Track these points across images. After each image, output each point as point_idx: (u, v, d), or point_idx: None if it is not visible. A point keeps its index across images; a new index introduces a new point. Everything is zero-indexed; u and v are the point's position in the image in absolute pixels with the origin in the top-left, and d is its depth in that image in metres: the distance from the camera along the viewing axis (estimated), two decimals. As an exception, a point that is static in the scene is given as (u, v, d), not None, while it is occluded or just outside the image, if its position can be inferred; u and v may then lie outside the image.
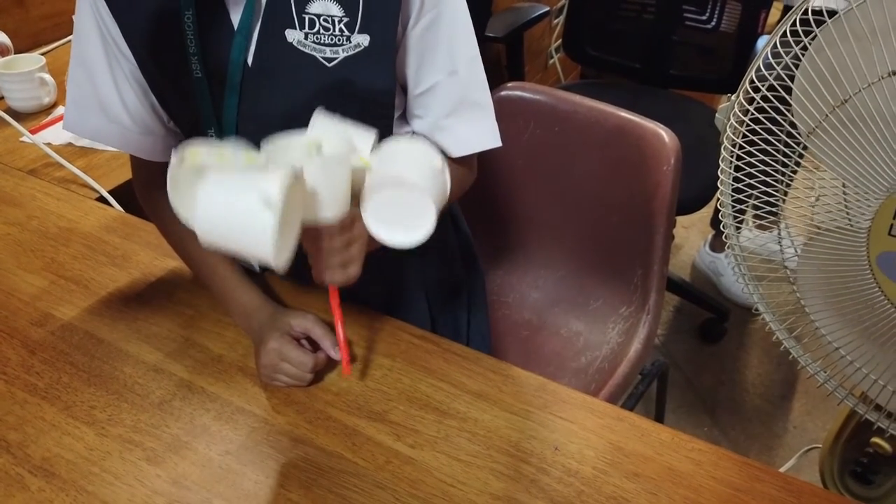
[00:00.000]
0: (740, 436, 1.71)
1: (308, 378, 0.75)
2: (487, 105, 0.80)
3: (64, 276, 0.90)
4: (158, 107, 0.79)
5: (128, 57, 0.75)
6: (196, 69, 0.73)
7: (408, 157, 0.67)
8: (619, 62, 1.93)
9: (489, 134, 0.80)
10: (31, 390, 0.76)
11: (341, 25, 0.71)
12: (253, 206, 0.55)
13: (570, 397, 0.75)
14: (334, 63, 0.72)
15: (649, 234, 1.21)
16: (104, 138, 0.79)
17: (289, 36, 0.71)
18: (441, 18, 0.74)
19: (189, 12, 0.70)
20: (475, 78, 0.78)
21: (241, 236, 0.56)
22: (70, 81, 0.78)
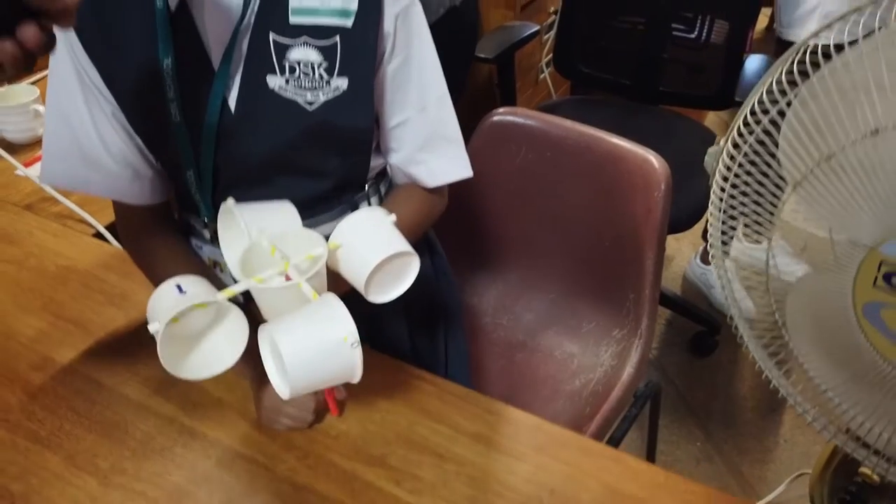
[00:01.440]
0: (732, 450, 1.73)
1: (309, 419, 0.76)
2: (457, 139, 0.85)
3: (63, 317, 0.91)
4: (145, 148, 0.80)
5: (109, 99, 0.75)
6: (175, 114, 0.74)
7: (369, 227, 0.70)
8: (610, 79, 1.95)
9: (460, 165, 0.85)
10: (33, 438, 0.76)
11: (321, 70, 0.74)
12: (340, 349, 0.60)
13: (566, 439, 0.76)
14: (315, 106, 0.75)
15: (640, 259, 1.22)
16: (89, 187, 0.79)
17: (270, 82, 0.74)
18: (410, 60, 0.78)
19: (168, 59, 0.72)
20: (444, 114, 0.83)
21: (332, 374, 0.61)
22: (47, 134, 0.78)
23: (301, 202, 0.80)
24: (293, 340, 0.59)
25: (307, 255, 0.67)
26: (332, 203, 0.83)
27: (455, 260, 1.44)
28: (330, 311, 0.61)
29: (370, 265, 0.65)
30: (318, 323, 0.60)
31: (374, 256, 0.66)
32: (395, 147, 0.84)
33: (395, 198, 0.88)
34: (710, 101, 1.86)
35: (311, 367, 0.60)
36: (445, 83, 0.82)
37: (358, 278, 0.67)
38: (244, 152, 0.77)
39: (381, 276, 0.68)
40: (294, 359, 0.58)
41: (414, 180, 0.86)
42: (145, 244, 0.85)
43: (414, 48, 0.78)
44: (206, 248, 0.88)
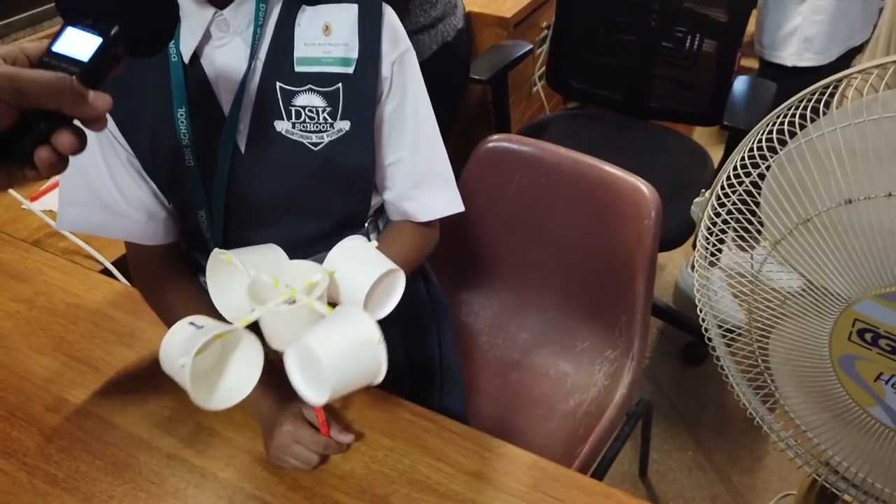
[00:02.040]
0: (723, 459, 1.78)
1: (315, 460, 0.80)
2: (448, 176, 0.90)
3: (75, 357, 0.94)
4: (158, 191, 0.84)
5: (124, 146, 0.79)
6: (188, 159, 0.78)
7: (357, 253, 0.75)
8: (601, 94, 1.98)
9: (452, 200, 0.91)
10: (51, 481, 0.80)
11: (325, 114, 0.78)
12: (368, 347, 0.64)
13: (561, 475, 0.80)
14: (320, 147, 0.79)
15: (632, 283, 1.26)
16: (104, 231, 0.83)
17: (277, 126, 0.78)
18: (405, 103, 0.84)
19: (182, 109, 0.76)
20: (436, 153, 0.88)
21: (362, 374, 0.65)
22: (63, 182, 0.82)
23: (305, 240, 0.84)
24: (325, 344, 0.63)
25: (307, 283, 0.71)
26: (334, 240, 0.87)
27: (452, 280, 1.48)
28: (350, 316, 0.66)
29: (369, 282, 0.70)
30: (344, 326, 0.65)
31: (369, 275, 0.70)
32: (390, 185, 0.89)
33: (388, 235, 0.92)
34: (700, 117, 1.89)
35: (346, 368, 0.64)
36: (436, 124, 0.87)
37: (356, 298, 0.71)
38: (254, 192, 0.81)
39: (372, 295, 0.72)
40: (330, 360, 0.62)
41: (407, 215, 0.91)
42: (158, 284, 0.89)
43: (409, 92, 0.83)
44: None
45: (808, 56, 1.74)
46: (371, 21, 0.79)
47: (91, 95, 0.52)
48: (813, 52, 1.74)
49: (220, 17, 0.75)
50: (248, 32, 0.76)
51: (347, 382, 0.64)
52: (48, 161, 0.52)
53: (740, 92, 1.63)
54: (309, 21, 0.78)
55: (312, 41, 0.77)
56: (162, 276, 0.89)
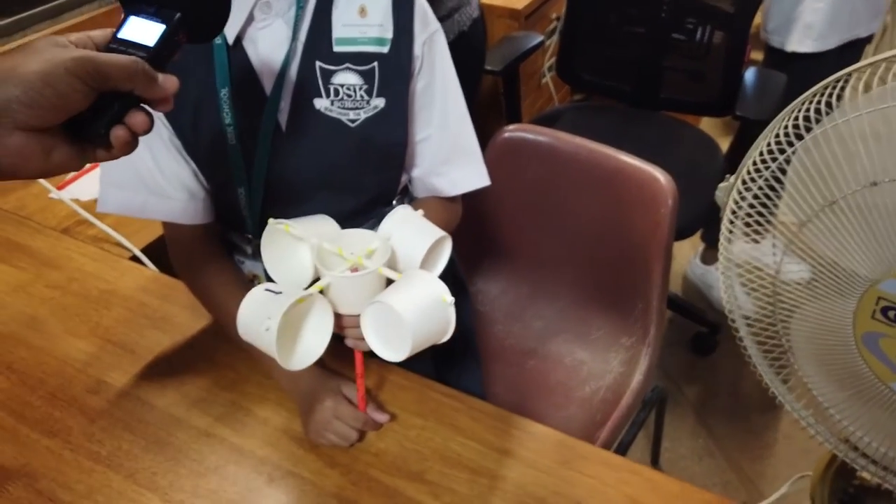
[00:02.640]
0: (733, 447, 1.80)
1: (354, 437, 0.83)
2: (476, 151, 0.94)
3: (111, 341, 0.97)
4: (198, 170, 0.86)
5: (166, 125, 0.82)
6: (231, 137, 0.81)
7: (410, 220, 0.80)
8: (612, 85, 2.00)
9: (478, 175, 0.95)
10: (95, 459, 0.82)
11: (361, 92, 0.82)
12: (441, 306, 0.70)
13: (588, 452, 0.83)
14: (356, 123, 0.83)
15: (648, 271, 1.28)
16: (146, 212, 0.85)
17: (317, 104, 0.82)
18: (434, 81, 0.88)
19: (225, 89, 0.79)
20: (464, 131, 0.92)
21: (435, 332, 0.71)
22: (104, 164, 0.83)
23: (338, 216, 0.87)
24: (406, 303, 0.67)
25: (367, 250, 0.75)
26: (365, 217, 0.91)
27: (467, 269, 1.50)
28: (422, 278, 0.71)
29: (424, 248, 0.75)
30: (418, 288, 0.70)
31: (423, 242, 0.75)
32: (418, 162, 0.93)
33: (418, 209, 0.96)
34: (710, 108, 1.91)
35: (423, 326, 0.68)
36: (464, 102, 0.91)
37: (413, 264, 0.75)
38: (293, 169, 0.84)
39: (426, 259, 0.76)
40: (412, 319, 0.66)
41: (435, 191, 0.94)
42: (196, 264, 0.92)
43: (437, 71, 0.87)
44: (247, 263, 0.94)
45: (807, 42, 1.76)
46: (404, 3, 0.83)
47: (160, 77, 0.54)
48: (812, 38, 1.75)
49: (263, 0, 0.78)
50: (289, 14, 0.80)
51: (423, 340, 0.69)
52: (124, 139, 0.54)
53: (751, 83, 1.65)
54: (346, 3, 0.82)
55: (350, 22, 0.81)
56: (200, 257, 0.91)
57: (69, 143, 0.54)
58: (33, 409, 0.88)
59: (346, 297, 0.73)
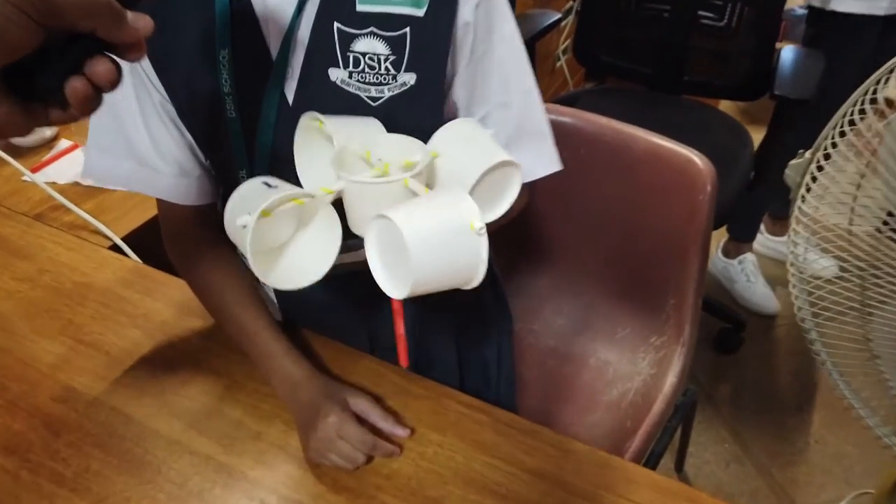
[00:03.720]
0: (762, 451, 1.69)
1: (361, 460, 0.71)
2: (545, 132, 0.77)
3: (83, 341, 0.85)
4: (195, 144, 0.75)
5: (159, 89, 0.71)
6: (230, 109, 0.69)
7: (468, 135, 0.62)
8: (631, 68, 1.89)
9: (548, 160, 0.78)
10: (58, 481, 0.71)
11: (387, 64, 0.68)
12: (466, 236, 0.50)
13: (637, 475, 0.71)
14: (379, 103, 0.69)
15: (683, 263, 1.17)
16: (131, 183, 0.75)
17: (332, 75, 0.68)
18: (491, 52, 0.71)
19: (225, 51, 0.67)
20: (531, 108, 0.75)
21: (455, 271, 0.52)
22: (93, 124, 0.74)
23: None
24: (412, 220, 0.49)
25: (405, 162, 0.58)
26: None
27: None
28: (451, 196, 0.52)
29: (479, 171, 0.56)
30: (440, 207, 0.51)
31: (480, 163, 0.56)
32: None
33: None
34: (739, 91, 1.79)
35: (435, 257, 0.49)
36: (532, 73, 0.75)
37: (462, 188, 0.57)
38: None
39: (481, 190, 0.58)
40: (416, 241, 0.48)
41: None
42: (191, 250, 0.81)
43: (495, 39, 0.71)
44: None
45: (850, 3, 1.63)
46: None
47: (130, 16, 0.42)
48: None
49: None
50: None
51: (434, 275, 0.50)
52: (83, 94, 0.42)
53: (789, 61, 1.53)
54: None
55: None
56: (193, 242, 0.80)
57: (11, 98, 0.42)
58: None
59: (361, 211, 0.56)
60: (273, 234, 0.57)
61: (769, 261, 2.15)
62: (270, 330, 0.78)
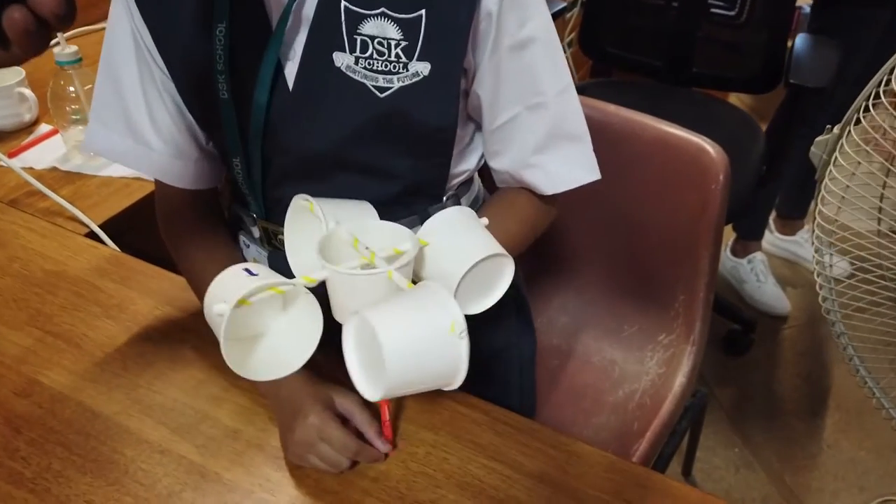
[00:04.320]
0: (773, 456, 1.63)
1: (345, 465, 0.65)
2: (583, 136, 0.71)
3: (52, 333, 0.79)
4: (196, 126, 0.71)
5: (160, 66, 0.67)
6: (223, 90, 0.64)
7: (459, 227, 0.61)
8: (639, 60, 1.83)
9: (586, 167, 0.71)
10: (16, 481, 0.65)
11: (398, 50, 0.61)
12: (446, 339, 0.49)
13: (647, 480, 0.65)
14: (387, 93, 0.62)
15: (694, 258, 1.11)
16: (129, 162, 0.72)
17: (337, 60, 0.62)
18: (523, 46, 0.64)
19: (222, 24, 0.61)
20: (567, 110, 0.69)
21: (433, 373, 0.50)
22: (96, 95, 0.71)
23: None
24: (390, 322, 0.48)
25: (394, 250, 0.56)
26: (401, 211, 0.71)
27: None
28: (432, 296, 0.50)
29: (467, 264, 0.55)
30: (420, 309, 0.50)
31: (469, 256, 0.55)
32: (501, 149, 0.70)
33: (497, 205, 0.75)
34: (750, 83, 1.73)
35: (412, 361, 0.49)
36: (569, 71, 0.68)
37: (448, 282, 0.56)
38: (299, 140, 0.66)
39: (469, 282, 0.57)
40: (393, 346, 0.47)
41: (528, 187, 0.72)
42: (184, 235, 0.76)
43: (527, 31, 0.63)
44: (252, 248, 0.78)
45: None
46: None
47: None
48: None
49: None
50: None
51: (410, 378, 0.49)
52: (22, 26, 0.37)
53: (803, 49, 1.48)
54: None
55: None
56: (190, 227, 0.76)
57: None
58: (-55, 417, 0.70)
59: (344, 302, 0.55)
60: (252, 322, 0.55)
61: (779, 261, 2.09)
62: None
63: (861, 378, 0.69)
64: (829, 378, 1.78)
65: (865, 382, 0.69)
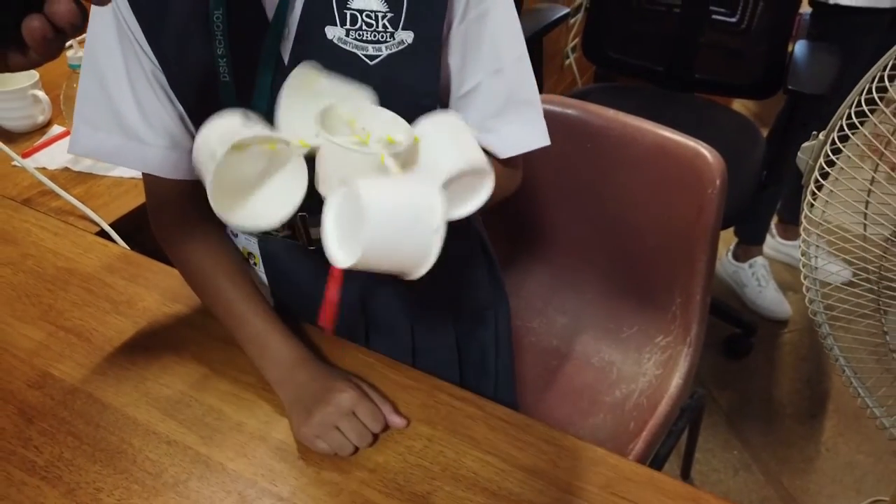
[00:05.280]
0: (771, 459, 1.64)
1: (368, 441, 0.69)
2: (535, 103, 0.75)
3: (63, 327, 0.82)
4: (185, 115, 0.72)
5: (149, 55, 0.68)
6: (223, 73, 0.67)
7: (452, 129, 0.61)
8: (641, 65, 1.85)
9: (538, 133, 0.76)
10: (28, 469, 0.67)
11: (384, 21, 0.66)
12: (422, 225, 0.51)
13: (635, 473, 0.67)
14: (376, 61, 0.67)
15: (690, 261, 1.13)
16: (122, 159, 0.73)
17: (329, 33, 0.66)
18: (486, 16, 0.69)
19: (219, 11, 0.65)
20: (522, 77, 0.73)
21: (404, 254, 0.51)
22: (79, 97, 0.71)
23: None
24: (378, 194, 0.49)
25: (388, 138, 0.57)
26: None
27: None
28: (421, 185, 0.52)
29: (455, 167, 0.56)
30: (408, 193, 0.51)
31: (457, 160, 0.56)
32: (463, 116, 0.73)
33: None
34: (751, 89, 1.75)
35: (389, 238, 0.50)
36: (523, 40, 0.73)
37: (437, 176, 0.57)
38: None
39: (452, 187, 0.58)
40: (377, 209, 0.48)
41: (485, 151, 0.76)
42: (179, 229, 0.78)
43: (489, 3, 0.68)
44: (240, 238, 0.80)
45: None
46: None
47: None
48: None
49: None
50: None
51: (381, 254, 0.50)
52: (40, 34, 0.39)
53: (803, 56, 1.49)
54: None
55: None
56: (184, 219, 0.77)
57: None
58: (-40, 407, 0.73)
59: (329, 172, 0.56)
60: (239, 171, 0.54)
61: (781, 265, 2.10)
62: (263, 311, 0.76)
63: (847, 378, 0.71)
64: (827, 382, 1.80)
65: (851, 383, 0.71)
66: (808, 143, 0.67)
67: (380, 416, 0.70)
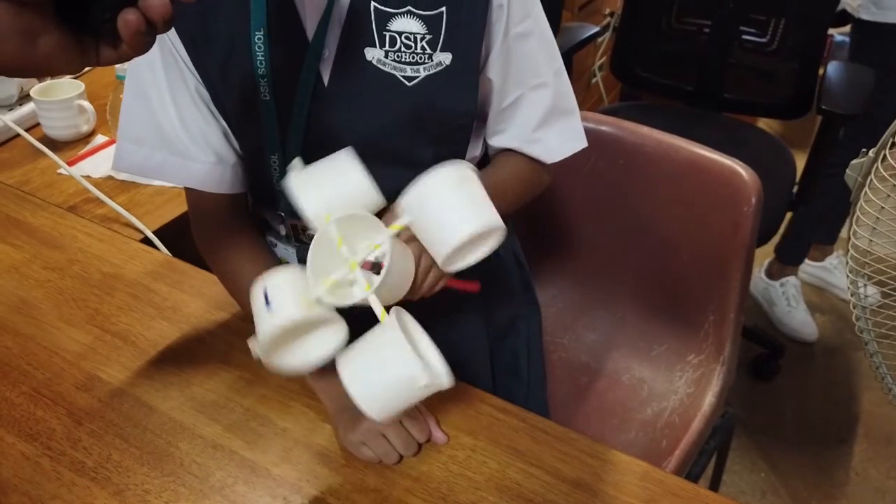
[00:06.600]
0: (799, 483, 1.62)
1: (413, 450, 0.70)
2: (575, 111, 0.79)
3: (110, 331, 0.83)
4: (228, 130, 0.74)
5: (193, 73, 0.70)
6: (264, 92, 0.68)
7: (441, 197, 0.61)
8: (670, 84, 1.85)
9: (577, 137, 0.79)
10: (78, 470, 0.68)
11: (423, 43, 0.68)
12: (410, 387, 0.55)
13: (681, 489, 0.67)
14: (415, 82, 0.69)
15: (725, 280, 1.13)
16: (168, 175, 0.74)
17: (368, 54, 0.68)
18: (527, 33, 0.71)
19: (260, 33, 0.66)
20: (562, 88, 0.77)
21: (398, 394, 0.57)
22: (123, 115, 0.73)
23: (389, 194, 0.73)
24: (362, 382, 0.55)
25: (373, 245, 0.59)
26: None
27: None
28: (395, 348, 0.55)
29: (457, 239, 0.58)
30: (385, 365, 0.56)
31: (458, 231, 0.58)
32: (506, 127, 0.77)
33: (493, 162, 0.81)
34: (781, 109, 1.75)
35: (387, 405, 0.56)
36: (560, 56, 0.76)
37: (439, 250, 0.60)
38: (336, 133, 0.70)
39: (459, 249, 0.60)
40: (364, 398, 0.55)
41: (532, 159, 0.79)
42: (222, 241, 0.79)
43: (530, 20, 0.71)
44: (279, 247, 0.81)
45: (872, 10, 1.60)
46: None
47: None
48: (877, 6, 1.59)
49: None
50: None
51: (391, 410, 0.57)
52: (135, 27, 0.41)
53: (836, 76, 1.49)
54: None
55: None
56: (226, 232, 0.78)
57: (63, 29, 0.42)
58: (12, 407, 0.74)
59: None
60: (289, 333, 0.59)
61: (808, 287, 2.08)
62: None
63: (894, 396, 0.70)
64: (857, 406, 1.77)
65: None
66: (857, 161, 0.67)
67: (425, 426, 0.71)
